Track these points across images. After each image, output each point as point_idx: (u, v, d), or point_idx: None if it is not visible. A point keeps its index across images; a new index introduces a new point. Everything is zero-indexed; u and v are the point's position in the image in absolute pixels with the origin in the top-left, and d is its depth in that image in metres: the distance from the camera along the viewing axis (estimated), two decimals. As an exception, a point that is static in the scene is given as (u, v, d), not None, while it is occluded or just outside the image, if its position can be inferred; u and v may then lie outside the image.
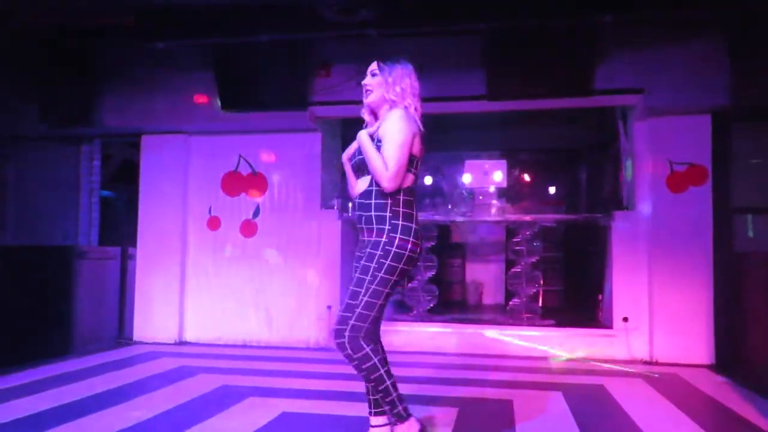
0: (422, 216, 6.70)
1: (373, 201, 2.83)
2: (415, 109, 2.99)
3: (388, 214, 2.80)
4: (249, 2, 5.38)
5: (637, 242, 5.77)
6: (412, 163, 2.89)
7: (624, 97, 5.72)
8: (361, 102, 3.16)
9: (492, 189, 7.28)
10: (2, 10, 5.21)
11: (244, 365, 5.31)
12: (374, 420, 3.07)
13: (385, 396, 2.86)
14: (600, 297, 6.53)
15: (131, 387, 4.45)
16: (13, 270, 6.15)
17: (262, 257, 6.43)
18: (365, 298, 2.74)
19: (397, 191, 2.80)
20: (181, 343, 6.42)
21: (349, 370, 5.08)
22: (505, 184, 7.24)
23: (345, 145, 7.31)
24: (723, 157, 5.67)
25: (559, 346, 5.82)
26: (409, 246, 2.77)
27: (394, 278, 2.76)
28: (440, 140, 8.54)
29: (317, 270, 6.33)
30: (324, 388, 4.46)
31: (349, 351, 2.77)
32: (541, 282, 6.73)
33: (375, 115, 3.06)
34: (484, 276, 9.04)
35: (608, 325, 5.93)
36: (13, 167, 7.09)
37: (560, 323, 6.21)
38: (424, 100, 3.17)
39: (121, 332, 6.59)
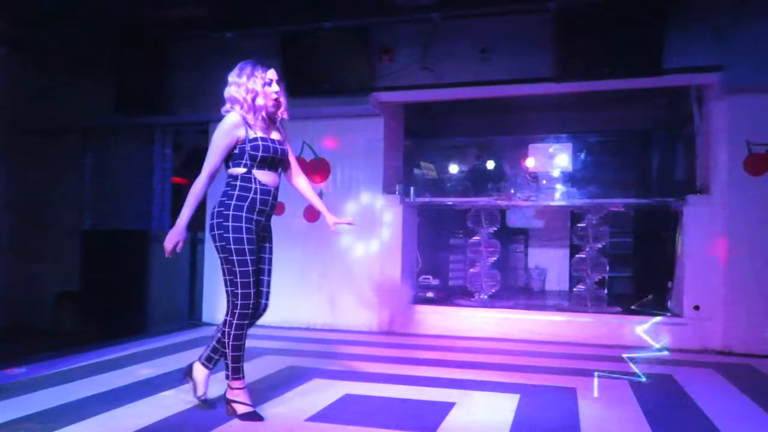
0: (484, 200, 6.66)
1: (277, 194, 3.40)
2: None
3: None
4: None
5: (711, 227, 5.53)
6: None
7: (700, 76, 5.49)
8: (424, 86, 3.20)
9: (557, 173, 7.12)
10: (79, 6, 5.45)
11: (308, 347, 5.43)
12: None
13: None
14: (670, 284, 6.31)
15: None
16: (92, 253, 6.48)
17: (326, 242, 6.52)
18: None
19: None
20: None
21: (411, 354, 5.15)
22: (570, 168, 7.07)
23: (408, 129, 7.38)
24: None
25: (627, 333, 5.67)
26: None
27: None
28: (504, 124, 8.43)
29: (379, 254, 6.37)
30: (386, 371, 4.51)
31: None
32: (608, 268, 6.56)
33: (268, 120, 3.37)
34: (548, 262, 8.88)
35: (679, 313, 5.74)
36: (90, 156, 7.47)
37: (628, 311, 6.04)
38: (490, 83, 3.16)
39: (191, 314, 6.85)
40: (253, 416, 3.28)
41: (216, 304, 6.69)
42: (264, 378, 4.26)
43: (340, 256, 6.49)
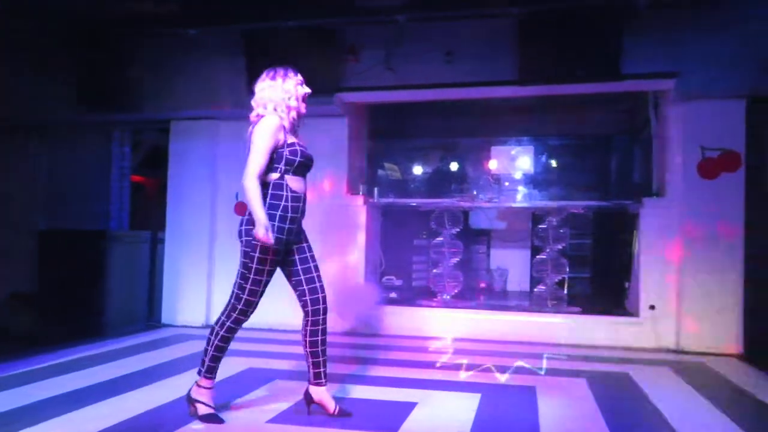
0: (447, 202, 6.71)
1: None
2: None
3: None
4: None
5: (666, 229, 5.68)
6: None
7: (657, 82, 5.64)
8: (389, 87, 3.26)
9: (519, 175, 7.23)
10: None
11: (269, 348, 5.38)
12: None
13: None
14: (627, 285, 6.46)
15: (159, 368, 4.56)
16: (49, 254, 6.30)
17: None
18: None
19: None
20: (208, 326, 6.48)
21: (373, 354, 5.16)
22: (532, 170, 7.18)
23: (373, 130, 7.38)
24: (758, 142, 5.54)
25: (585, 333, 5.78)
26: None
27: None
28: (468, 126, 8.50)
29: (342, 255, 6.36)
30: (348, 372, 4.50)
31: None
32: (568, 269, 6.67)
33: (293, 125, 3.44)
34: (510, 263, 8.98)
35: (635, 313, 5.87)
36: (46, 154, 7.26)
37: (587, 311, 6.16)
38: (454, 85, 3.22)
39: (150, 315, 6.72)
40: (213, 418, 3.24)
41: (176, 306, 6.58)
42: (225, 379, 4.20)
43: (304, 257, 6.44)
